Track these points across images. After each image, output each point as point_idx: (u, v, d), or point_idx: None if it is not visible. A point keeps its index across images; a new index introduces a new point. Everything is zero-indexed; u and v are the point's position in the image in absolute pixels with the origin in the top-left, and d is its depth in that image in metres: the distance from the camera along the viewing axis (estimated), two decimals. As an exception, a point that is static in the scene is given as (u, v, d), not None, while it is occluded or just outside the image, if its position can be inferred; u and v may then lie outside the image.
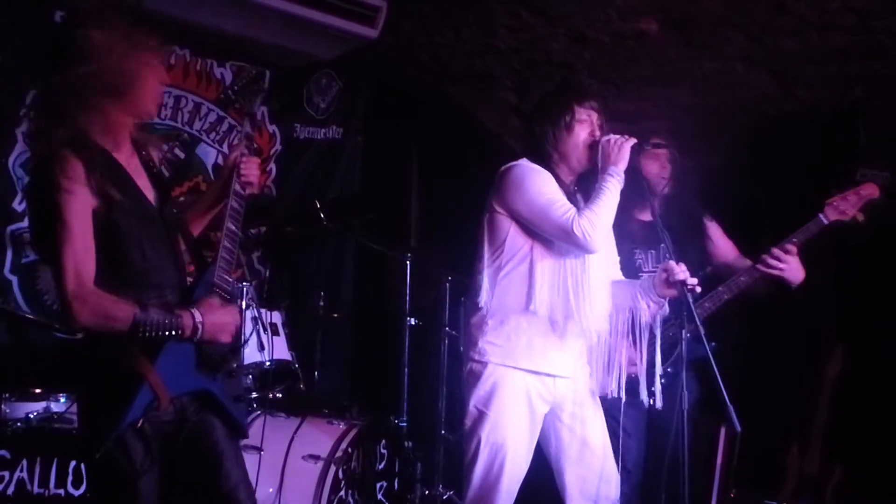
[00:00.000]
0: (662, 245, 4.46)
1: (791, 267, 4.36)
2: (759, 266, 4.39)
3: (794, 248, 4.38)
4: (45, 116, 3.03)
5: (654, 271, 4.65)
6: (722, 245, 4.72)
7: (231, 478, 3.15)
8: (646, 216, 4.64)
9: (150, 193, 3.17)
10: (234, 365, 3.23)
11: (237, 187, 3.34)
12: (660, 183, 4.57)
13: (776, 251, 4.36)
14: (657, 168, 4.60)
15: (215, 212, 3.46)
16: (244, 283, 5.03)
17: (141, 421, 2.90)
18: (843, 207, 4.45)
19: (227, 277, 3.20)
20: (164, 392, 2.91)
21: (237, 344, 3.25)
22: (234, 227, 3.27)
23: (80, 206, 2.91)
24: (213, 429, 3.15)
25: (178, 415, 3.04)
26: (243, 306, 4.95)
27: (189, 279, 3.20)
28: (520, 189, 3.81)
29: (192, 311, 3.01)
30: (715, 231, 4.71)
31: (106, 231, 2.96)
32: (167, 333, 2.94)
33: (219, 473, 3.13)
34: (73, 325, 2.92)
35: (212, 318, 3.05)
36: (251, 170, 3.40)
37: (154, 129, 5.97)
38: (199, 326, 3.00)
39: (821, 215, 4.43)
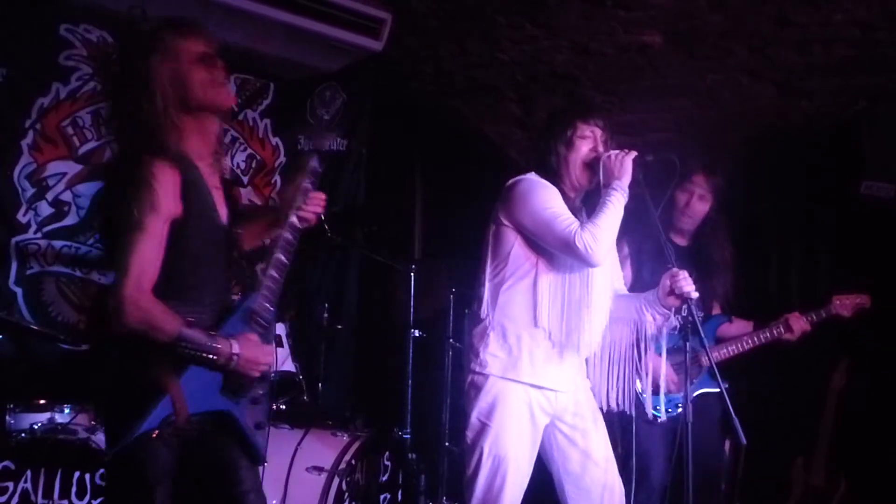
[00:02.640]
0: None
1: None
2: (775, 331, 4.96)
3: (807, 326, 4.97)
4: (133, 127, 3.06)
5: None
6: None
7: (244, 485, 3.16)
8: (680, 240, 4.77)
9: (222, 211, 3.19)
10: (260, 392, 3.22)
11: (293, 219, 3.34)
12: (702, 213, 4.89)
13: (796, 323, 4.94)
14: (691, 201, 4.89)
15: (266, 237, 3.46)
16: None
17: (156, 431, 2.90)
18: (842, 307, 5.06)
19: (268, 306, 3.20)
20: (183, 407, 2.91)
21: (267, 373, 3.23)
22: (283, 258, 3.26)
23: (163, 216, 2.94)
24: (231, 447, 3.16)
25: (199, 430, 3.03)
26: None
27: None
28: (525, 202, 3.82)
29: (231, 341, 3.01)
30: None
31: (173, 242, 2.98)
32: (203, 355, 2.95)
33: (233, 480, 3.14)
34: (116, 325, 2.91)
35: (247, 353, 3.04)
36: (315, 206, 3.41)
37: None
38: (234, 358, 3.00)
39: (831, 307, 5.04)
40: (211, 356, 2.96)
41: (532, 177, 3.91)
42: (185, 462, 3.04)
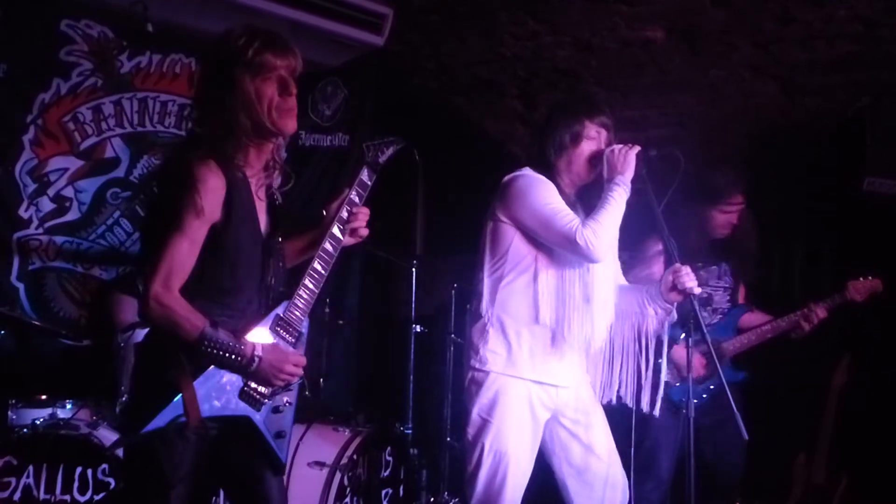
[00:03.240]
0: (722, 264, 5.05)
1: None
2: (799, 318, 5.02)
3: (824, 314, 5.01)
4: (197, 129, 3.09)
5: (717, 287, 4.83)
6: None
7: (270, 493, 3.17)
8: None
9: (263, 220, 3.19)
10: (286, 401, 3.19)
11: (336, 230, 3.32)
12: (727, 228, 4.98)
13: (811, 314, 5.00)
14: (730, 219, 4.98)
15: (309, 251, 3.39)
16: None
17: (164, 430, 2.88)
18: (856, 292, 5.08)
19: (299, 315, 3.19)
20: (195, 410, 2.90)
21: (293, 382, 3.20)
22: (321, 269, 3.25)
23: (203, 219, 2.95)
24: (252, 456, 3.16)
25: (219, 433, 3.03)
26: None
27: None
28: (524, 198, 3.81)
29: (257, 344, 3.01)
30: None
31: (211, 246, 3.00)
32: (226, 355, 2.94)
33: (256, 490, 3.15)
34: (142, 317, 2.98)
35: (271, 359, 3.03)
36: (361, 221, 3.38)
37: (158, 138, 5.99)
38: (256, 360, 2.99)
39: (846, 292, 5.07)
40: (233, 356, 2.95)
41: (528, 172, 3.89)
42: (209, 463, 3.04)
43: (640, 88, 6.49)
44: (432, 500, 5.53)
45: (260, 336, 3.07)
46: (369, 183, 3.45)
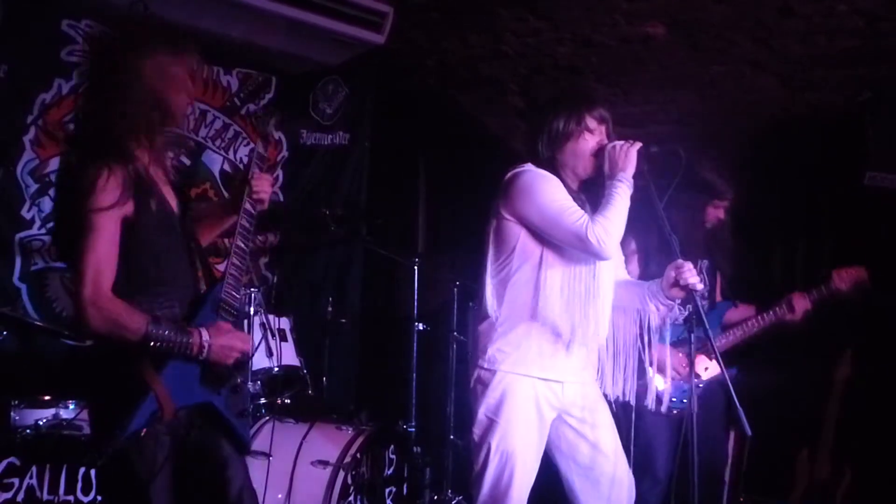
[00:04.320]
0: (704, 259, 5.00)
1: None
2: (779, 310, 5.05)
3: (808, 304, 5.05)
4: (86, 124, 3.13)
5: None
6: None
7: (235, 482, 3.18)
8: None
9: (173, 202, 3.21)
10: (239, 380, 3.23)
11: (247, 205, 3.35)
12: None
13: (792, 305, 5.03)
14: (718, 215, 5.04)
15: (224, 226, 3.51)
16: (252, 289, 5.03)
17: (144, 430, 2.91)
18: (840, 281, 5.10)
19: (234, 294, 3.23)
20: (168, 403, 2.93)
21: (243, 362, 3.27)
22: (242, 245, 3.29)
23: (114, 214, 2.95)
24: (218, 438, 3.18)
25: (187, 422, 3.06)
26: (253, 319, 4.98)
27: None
28: (530, 196, 3.78)
29: (202, 330, 3.04)
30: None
31: (129, 239, 3.00)
32: (174, 348, 2.96)
33: (223, 478, 3.16)
34: (86, 330, 2.94)
35: (219, 341, 3.06)
36: (263, 186, 3.41)
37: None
38: (206, 346, 3.03)
39: (831, 282, 5.08)
40: (182, 349, 2.98)
41: (532, 168, 3.85)
42: (179, 459, 3.04)
43: (641, 84, 6.50)
44: (436, 498, 5.53)
45: (207, 322, 3.10)
46: (265, 153, 3.57)
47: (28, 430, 4.39)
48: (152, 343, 2.91)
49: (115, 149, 3.01)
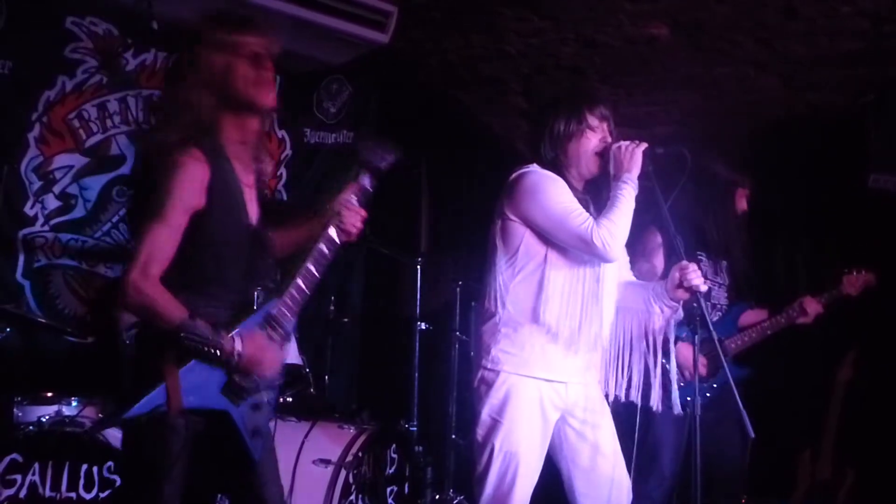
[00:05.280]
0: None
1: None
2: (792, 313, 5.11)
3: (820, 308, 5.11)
4: (174, 117, 3.10)
5: (714, 282, 4.90)
6: None
7: (265, 475, 3.22)
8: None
9: (252, 210, 3.20)
10: (265, 399, 3.19)
11: (332, 233, 3.29)
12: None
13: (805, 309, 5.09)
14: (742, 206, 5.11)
15: (301, 246, 3.38)
16: (256, 287, 5.03)
17: (144, 417, 2.90)
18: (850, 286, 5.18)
19: (287, 314, 3.19)
20: (177, 399, 2.91)
21: (274, 381, 3.21)
22: (314, 270, 3.24)
23: (184, 206, 2.97)
24: (231, 446, 3.16)
25: (206, 424, 3.05)
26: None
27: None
28: (535, 197, 3.77)
29: (236, 338, 3.01)
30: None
31: (194, 233, 3.01)
32: (204, 349, 2.93)
33: (251, 472, 3.18)
34: (120, 306, 2.97)
35: (251, 352, 3.03)
36: (355, 220, 3.35)
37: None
38: (237, 356, 3.00)
39: (841, 287, 5.16)
40: (212, 350, 2.95)
41: (536, 169, 3.85)
42: (197, 447, 3.05)
43: (644, 85, 6.50)
44: (437, 497, 5.53)
45: (246, 331, 3.07)
46: (369, 188, 3.44)
47: (31, 427, 4.38)
48: (182, 335, 2.89)
49: (205, 137, 3.03)
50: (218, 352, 2.95)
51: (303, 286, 3.21)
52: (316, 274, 3.24)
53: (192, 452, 3.03)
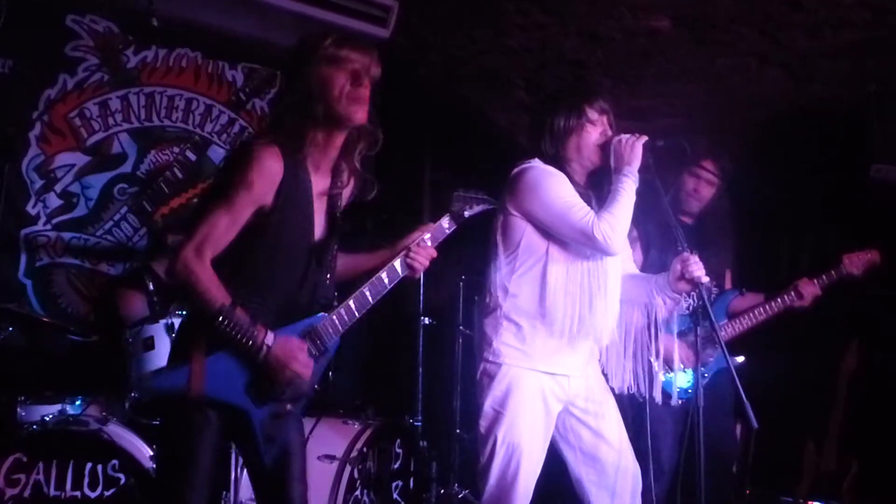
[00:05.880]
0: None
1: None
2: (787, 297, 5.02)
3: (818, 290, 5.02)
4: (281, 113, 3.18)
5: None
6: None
7: (291, 471, 3.22)
8: (686, 219, 4.87)
9: (319, 222, 3.23)
10: (288, 408, 3.18)
11: (398, 265, 3.36)
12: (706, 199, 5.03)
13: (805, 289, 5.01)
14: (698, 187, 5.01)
15: (366, 272, 3.44)
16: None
17: (171, 401, 3.01)
18: (852, 265, 5.08)
19: (331, 332, 3.22)
20: (198, 384, 2.95)
21: (301, 392, 3.21)
22: (369, 296, 3.29)
23: (251, 198, 3.01)
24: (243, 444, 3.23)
25: (229, 417, 3.07)
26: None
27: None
28: (536, 192, 3.78)
29: (270, 334, 3.03)
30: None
31: (254, 230, 3.04)
32: (237, 336, 2.96)
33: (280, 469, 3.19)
34: (168, 275, 3.02)
35: (282, 352, 3.05)
36: (422, 259, 3.41)
37: (166, 133, 5.99)
38: (265, 349, 3.01)
39: (841, 267, 5.05)
40: (244, 339, 2.97)
41: (538, 164, 3.86)
42: (228, 433, 3.10)
43: (647, 78, 6.48)
44: (442, 492, 5.53)
45: (285, 334, 3.09)
46: (447, 231, 3.53)
47: (34, 426, 4.38)
48: (220, 320, 2.93)
49: (289, 140, 3.07)
50: (249, 342, 2.98)
51: (353, 308, 3.27)
52: (370, 299, 3.30)
53: (218, 444, 3.08)
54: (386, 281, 3.32)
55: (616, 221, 3.67)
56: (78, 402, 4.59)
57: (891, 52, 5.74)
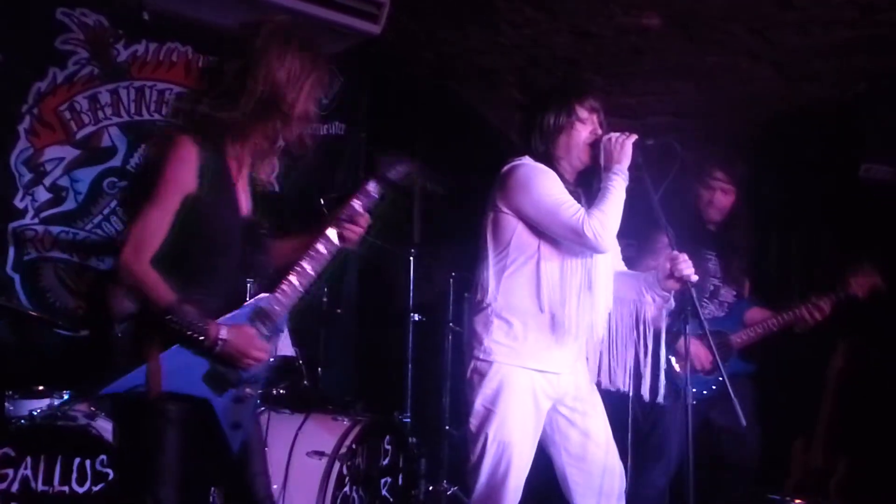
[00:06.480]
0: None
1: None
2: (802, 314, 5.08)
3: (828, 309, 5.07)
4: (191, 101, 3.15)
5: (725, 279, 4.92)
6: None
7: (253, 466, 3.24)
8: (712, 227, 4.91)
9: (244, 203, 3.22)
10: (248, 391, 3.17)
11: (331, 234, 3.30)
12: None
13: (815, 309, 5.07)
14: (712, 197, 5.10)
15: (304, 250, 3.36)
16: (248, 280, 5.02)
17: (129, 399, 2.95)
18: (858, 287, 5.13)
19: (278, 310, 3.19)
20: (156, 381, 2.93)
21: (259, 376, 3.21)
22: (308, 268, 3.23)
23: (176, 187, 2.99)
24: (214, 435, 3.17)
25: (191, 410, 3.05)
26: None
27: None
28: (526, 189, 3.79)
29: (221, 326, 3.01)
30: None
31: (186, 218, 3.01)
32: (189, 333, 2.95)
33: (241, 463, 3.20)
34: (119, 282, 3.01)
35: (236, 342, 3.03)
36: (357, 227, 3.33)
37: (156, 127, 5.97)
38: (219, 343, 3.00)
39: (848, 288, 5.12)
40: (196, 335, 2.96)
41: (528, 161, 3.87)
42: (193, 432, 3.06)
43: (638, 75, 6.48)
44: (431, 488, 5.54)
45: (234, 322, 3.07)
46: (375, 195, 3.44)
47: (22, 421, 4.37)
48: (169, 319, 2.92)
49: (205, 129, 3.05)
50: (202, 337, 2.97)
51: (296, 283, 3.21)
52: (311, 272, 3.24)
53: (186, 440, 3.03)
54: (324, 251, 3.26)
55: (606, 219, 3.67)
56: (66, 397, 4.58)
57: (881, 49, 5.74)
